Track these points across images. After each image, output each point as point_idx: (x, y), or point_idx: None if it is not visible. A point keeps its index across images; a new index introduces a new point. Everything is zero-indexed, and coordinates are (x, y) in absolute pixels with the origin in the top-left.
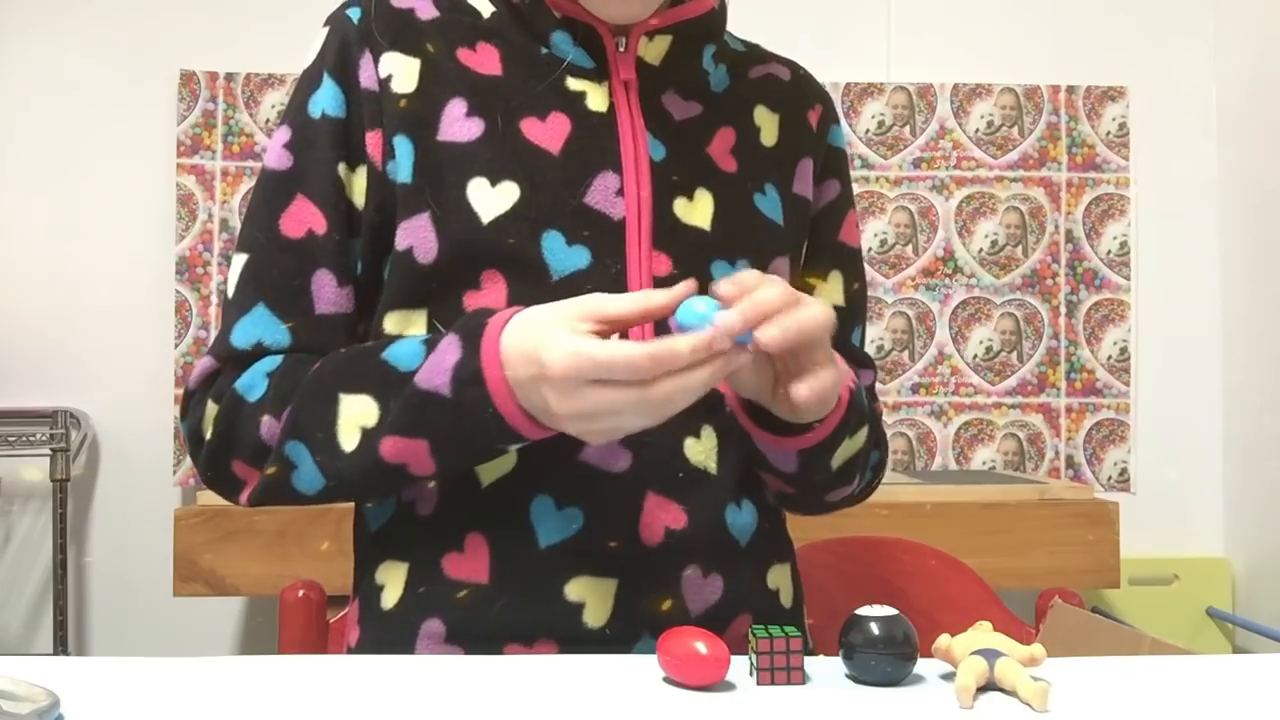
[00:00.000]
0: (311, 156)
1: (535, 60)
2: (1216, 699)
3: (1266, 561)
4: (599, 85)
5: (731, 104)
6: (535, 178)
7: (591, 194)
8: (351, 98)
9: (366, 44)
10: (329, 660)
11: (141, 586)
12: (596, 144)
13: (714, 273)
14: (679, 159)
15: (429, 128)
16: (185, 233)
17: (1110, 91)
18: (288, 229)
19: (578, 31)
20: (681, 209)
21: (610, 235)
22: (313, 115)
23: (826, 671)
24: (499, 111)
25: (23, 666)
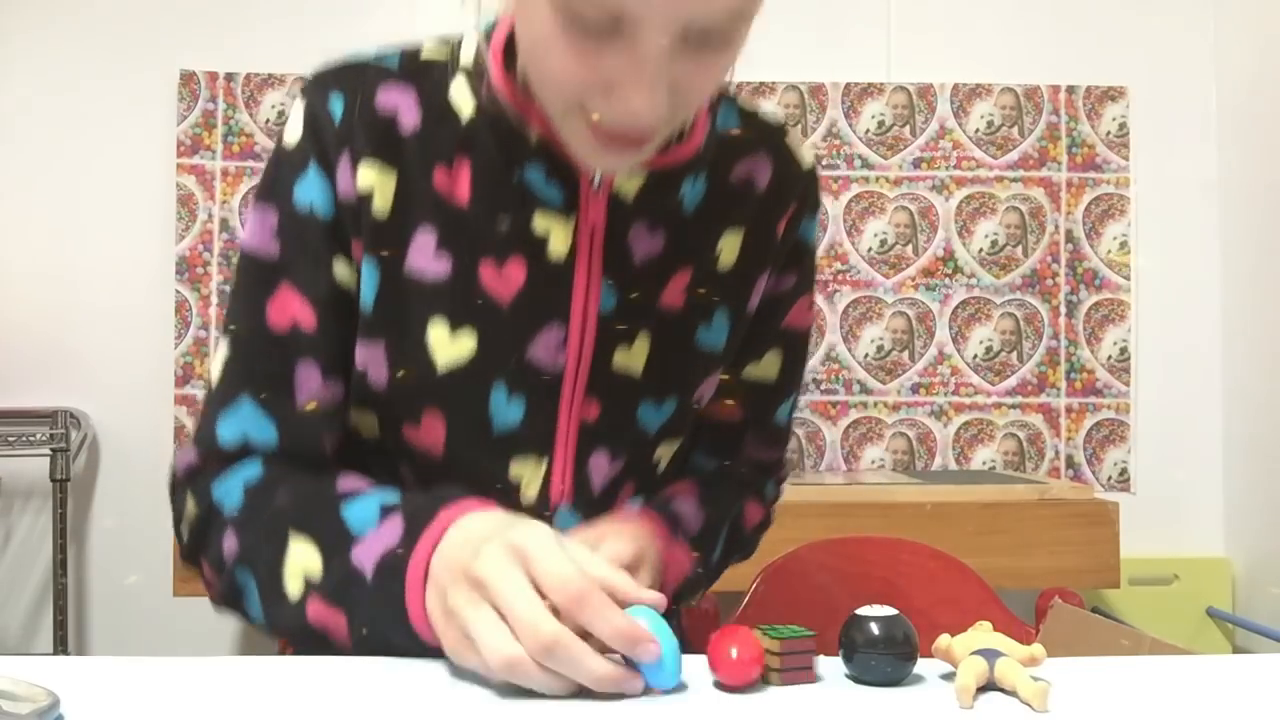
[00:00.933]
0: (300, 248)
1: (504, 189)
2: (1216, 699)
3: (1266, 561)
4: (565, 225)
5: (698, 231)
6: (488, 330)
7: (535, 347)
8: (336, 199)
9: (346, 145)
10: (329, 660)
11: (141, 586)
12: (549, 296)
13: (640, 414)
14: (628, 308)
15: (398, 254)
16: (185, 233)
17: (1110, 91)
18: (273, 320)
19: (555, 164)
20: (620, 356)
21: (547, 385)
22: (300, 205)
23: (826, 671)
24: (464, 250)
25: (23, 666)
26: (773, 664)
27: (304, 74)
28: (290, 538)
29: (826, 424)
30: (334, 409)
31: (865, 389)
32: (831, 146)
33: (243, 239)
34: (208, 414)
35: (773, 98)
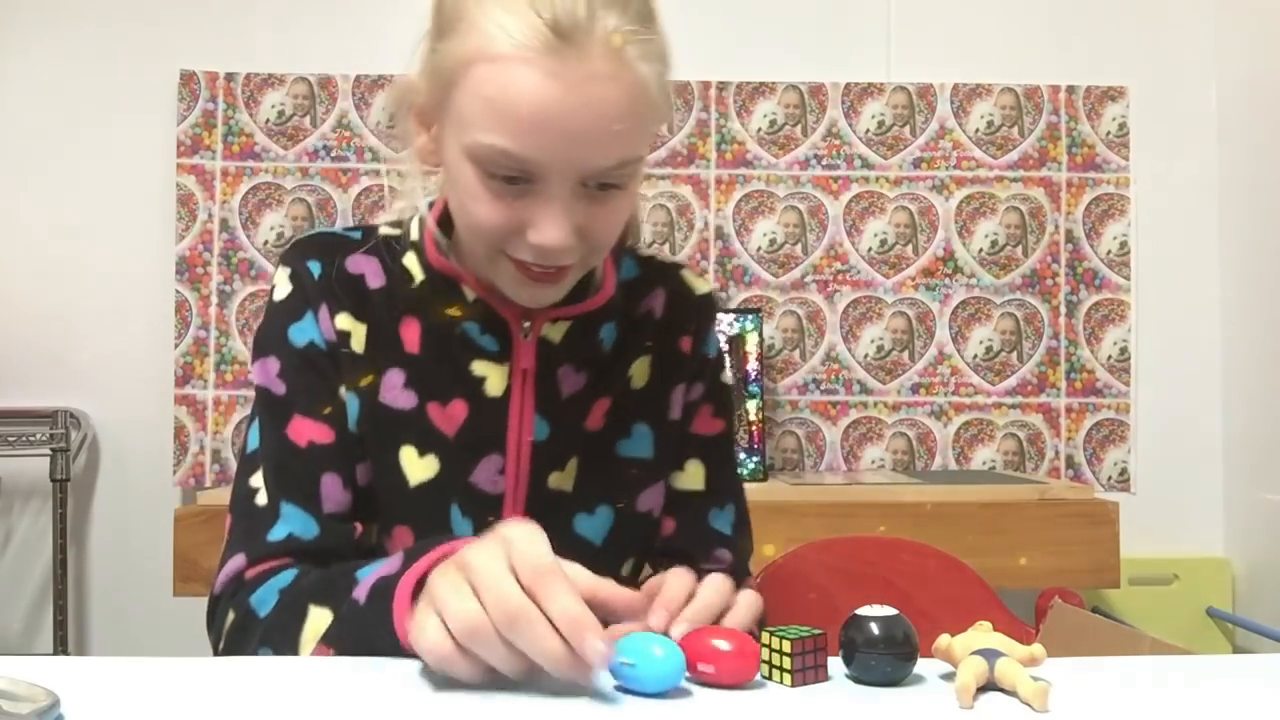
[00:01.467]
0: (304, 381)
1: (448, 340)
2: (1216, 699)
3: (1266, 561)
4: (500, 368)
5: (614, 365)
6: (445, 457)
7: (477, 474)
8: (326, 339)
9: (325, 299)
10: (328, 660)
11: (141, 586)
12: (487, 429)
13: (576, 526)
14: (558, 437)
15: (374, 389)
16: (185, 233)
17: (1110, 91)
18: (295, 438)
19: (488, 317)
20: (554, 479)
21: (490, 507)
22: (297, 344)
23: (829, 672)
24: (421, 390)
25: (23, 666)
26: (784, 665)
27: (304, 74)
28: (309, 609)
29: (826, 424)
30: (354, 516)
31: (865, 389)
32: (831, 146)
33: (255, 382)
34: (250, 529)
35: (773, 98)
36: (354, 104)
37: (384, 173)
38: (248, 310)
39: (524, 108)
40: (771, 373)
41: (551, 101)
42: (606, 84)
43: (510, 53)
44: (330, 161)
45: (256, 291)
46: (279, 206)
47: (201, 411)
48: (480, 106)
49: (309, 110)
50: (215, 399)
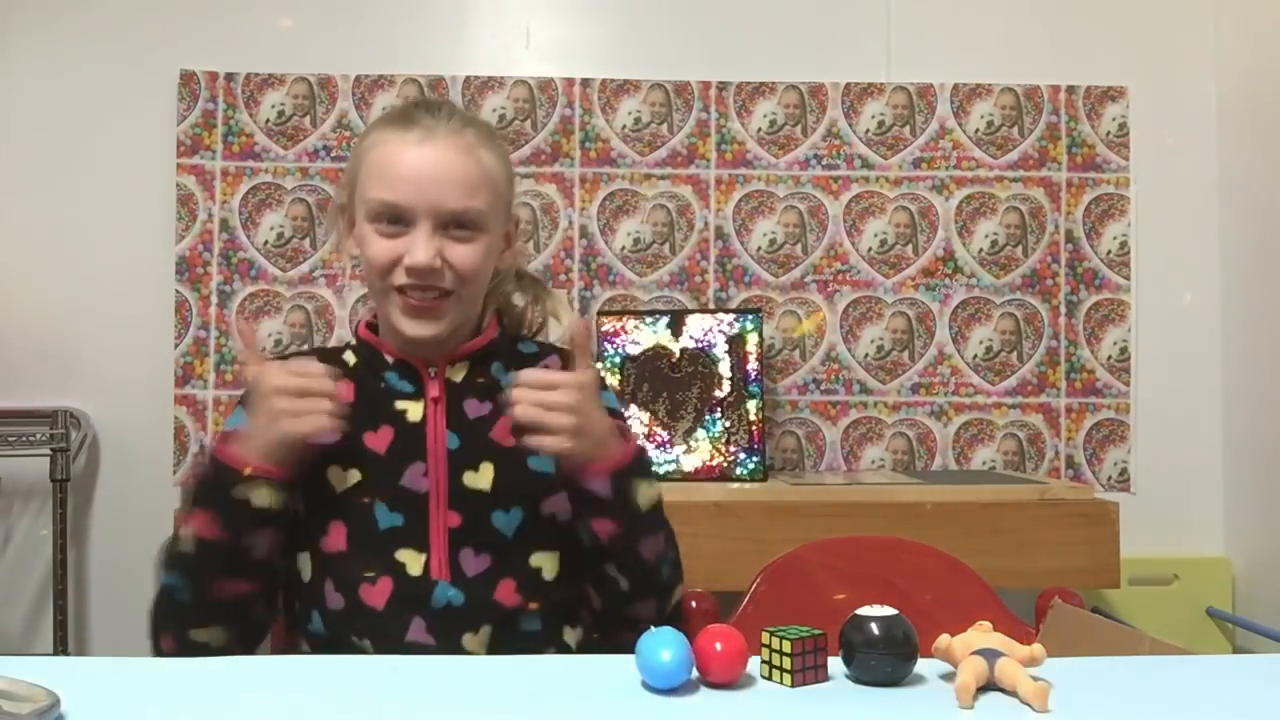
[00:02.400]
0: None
1: (375, 391)
2: (1216, 699)
3: (1266, 561)
4: (416, 403)
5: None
6: (370, 469)
7: (405, 478)
8: None
9: None
10: (328, 660)
11: (141, 586)
12: (410, 444)
13: (494, 520)
14: (469, 445)
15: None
16: (185, 233)
17: (1110, 91)
18: None
19: (404, 368)
20: (469, 479)
21: (418, 503)
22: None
23: (830, 671)
24: (351, 427)
25: (23, 666)
26: (784, 665)
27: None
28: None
29: (826, 424)
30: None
31: (865, 389)
32: (831, 146)
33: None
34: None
35: (773, 98)
36: (354, 104)
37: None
38: (248, 310)
39: (398, 168)
40: (771, 373)
41: (413, 162)
42: (452, 153)
43: (390, 138)
44: (330, 161)
45: (256, 291)
46: (279, 206)
47: (201, 411)
48: (372, 175)
49: (309, 110)
50: (215, 399)
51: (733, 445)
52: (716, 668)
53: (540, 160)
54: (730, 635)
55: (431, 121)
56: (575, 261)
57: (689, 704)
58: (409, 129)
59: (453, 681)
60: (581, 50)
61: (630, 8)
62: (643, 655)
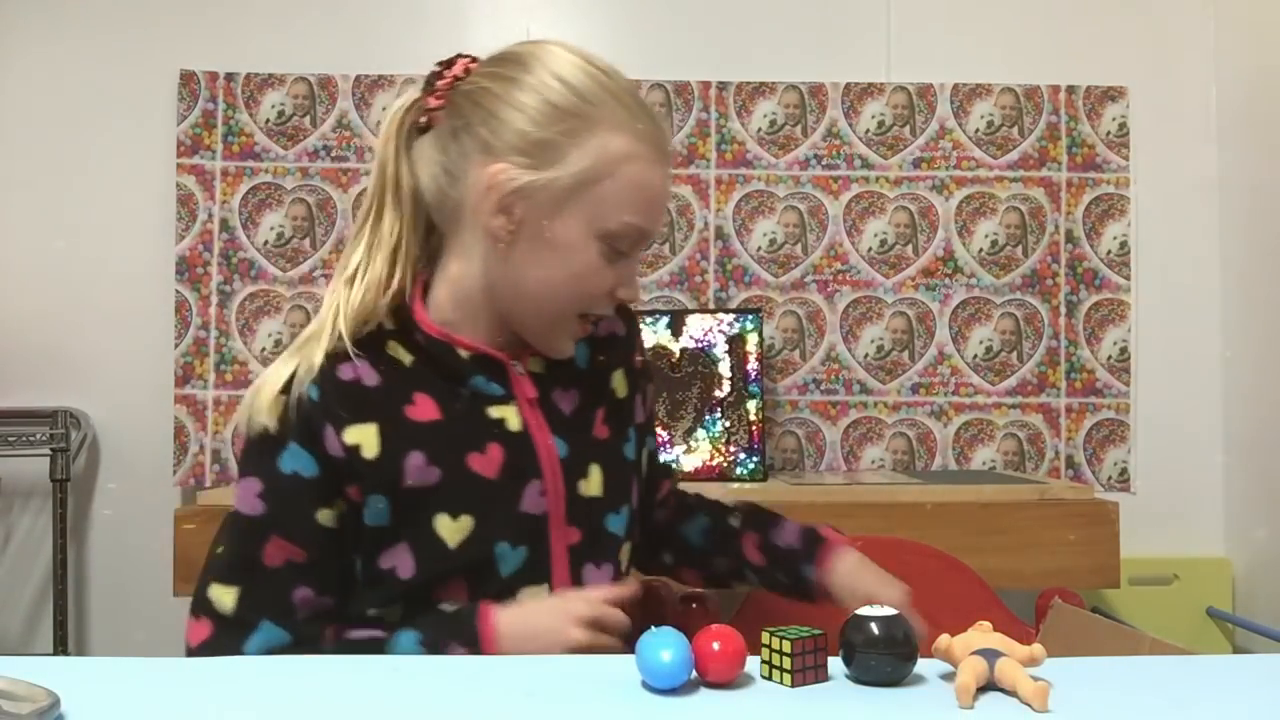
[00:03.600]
0: (286, 507)
1: (460, 400)
2: (1216, 699)
3: (1266, 561)
4: (510, 407)
5: (597, 380)
6: (484, 504)
7: (524, 502)
8: (323, 462)
9: (328, 419)
10: (327, 660)
11: (141, 586)
12: (522, 461)
13: (608, 525)
14: (577, 449)
15: (397, 481)
16: (185, 233)
17: (1110, 91)
18: (270, 560)
19: (486, 365)
20: (583, 486)
21: (538, 528)
22: (284, 471)
23: (830, 671)
24: (450, 454)
25: (23, 666)
26: (784, 665)
27: (305, 74)
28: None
29: (826, 424)
30: (331, 612)
31: (865, 389)
32: (831, 146)
33: (237, 498)
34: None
35: (773, 98)
36: (354, 104)
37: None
38: (248, 310)
39: (657, 195)
40: (771, 373)
41: (663, 189)
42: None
43: (648, 155)
44: (330, 161)
45: (256, 291)
46: (279, 206)
47: (201, 411)
48: (633, 195)
49: (309, 110)
50: (215, 399)
51: (733, 445)
52: (716, 668)
53: None
54: (730, 635)
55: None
56: None
57: (689, 704)
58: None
59: (453, 681)
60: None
61: (630, 8)
62: (643, 655)
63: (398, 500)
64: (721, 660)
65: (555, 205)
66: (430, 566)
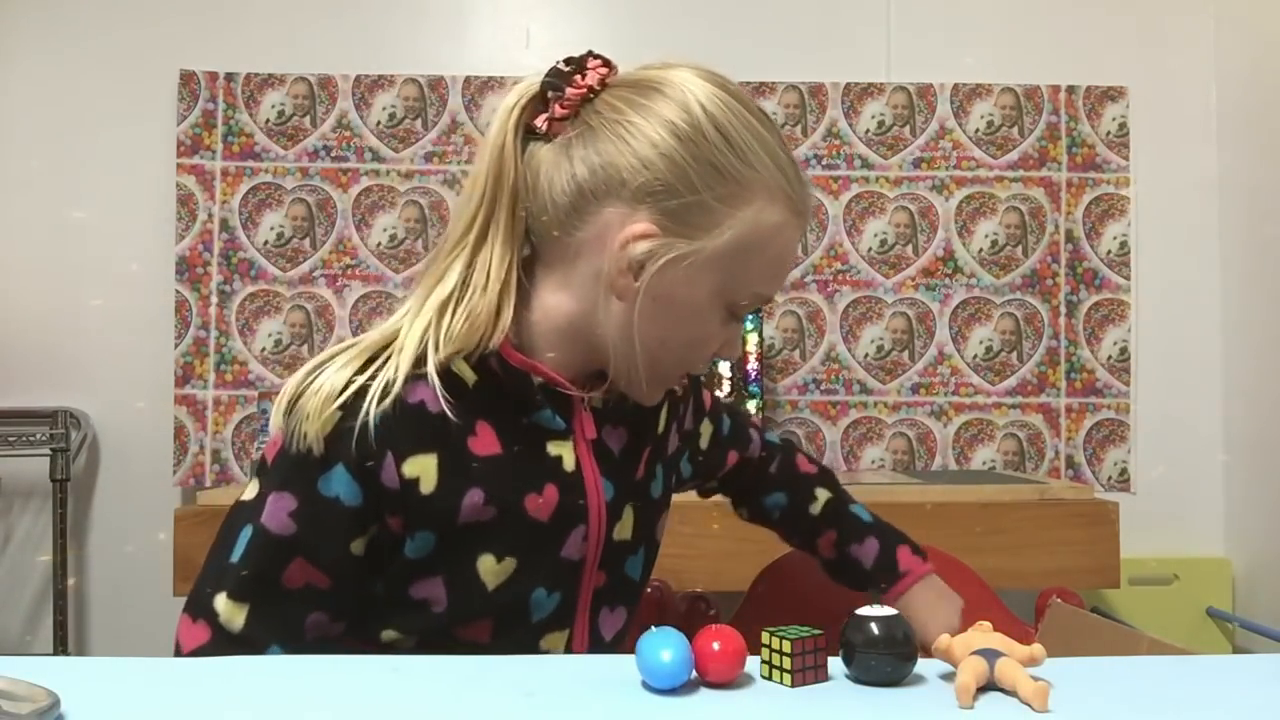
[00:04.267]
0: (320, 532)
1: (521, 431)
2: (1216, 699)
3: (1266, 561)
4: (567, 443)
5: (643, 418)
6: (531, 548)
7: (566, 548)
8: (371, 491)
9: (389, 446)
10: (327, 660)
11: (141, 586)
12: (573, 504)
13: (628, 569)
14: (621, 493)
15: (452, 518)
16: (185, 233)
17: (1110, 91)
18: (289, 582)
19: (556, 400)
20: (617, 531)
21: (574, 573)
22: (324, 494)
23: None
24: (509, 492)
25: (23, 666)
26: (784, 665)
27: (304, 74)
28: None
29: (826, 424)
30: (338, 637)
31: (865, 389)
32: (831, 146)
33: (264, 508)
34: (233, 651)
35: (773, 98)
36: (354, 104)
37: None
38: (248, 310)
39: (789, 261)
40: (771, 373)
41: (795, 253)
42: None
43: (797, 224)
44: (330, 161)
45: (256, 291)
46: (279, 206)
47: (201, 411)
48: (770, 267)
49: (309, 110)
50: (215, 399)
51: None
52: (715, 668)
53: None
54: (729, 635)
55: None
56: None
57: (689, 704)
58: (808, 210)
59: (453, 681)
60: (581, 50)
61: (630, 8)
62: (643, 655)
63: (446, 537)
64: (721, 660)
65: (693, 272)
66: (464, 606)
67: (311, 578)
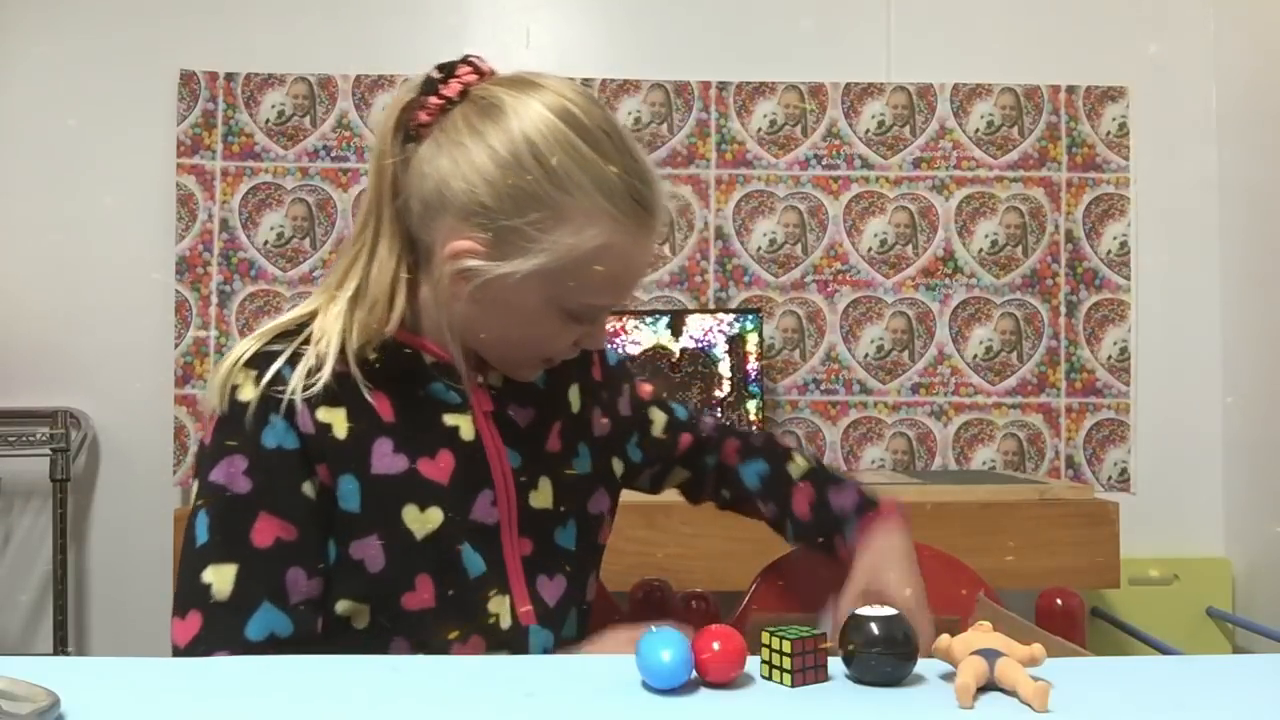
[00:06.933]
0: (274, 480)
1: (415, 404)
2: (1216, 699)
3: (1266, 561)
4: (465, 416)
5: (553, 396)
6: (445, 506)
7: (475, 510)
8: (299, 436)
9: (299, 396)
10: (327, 660)
11: (141, 586)
12: (474, 470)
13: (557, 539)
14: (529, 461)
15: (364, 464)
16: (185, 233)
17: (1110, 91)
18: (259, 540)
19: (449, 374)
20: (534, 499)
21: (491, 537)
22: (268, 445)
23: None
24: (409, 453)
25: (23, 666)
26: (784, 665)
27: (304, 74)
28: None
29: (826, 424)
30: (319, 601)
31: (865, 389)
32: (831, 146)
33: (212, 479)
34: (227, 622)
35: (773, 98)
36: (354, 104)
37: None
38: (248, 310)
39: (627, 271)
40: (771, 373)
41: (643, 262)
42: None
43: (623, 241)
44: (330, 161)
45: (256, 291)
46: (279, 206)
47: (201, 411)
48: (595, 278)
49: (309, 110)
50: None
51: None
52: (715, 668)
53: None
54: (729, 635)
55: (656, 200)
56: None
57: (689, 704)
58: (646, 221)
59: (452, 681)
60: (581, 50)
61: (630, 8)
62: (643, 655)
63: (366, 486)
64: (721, 660)
65: (517, 286)
66: (398, 560)
67: (279, 531)
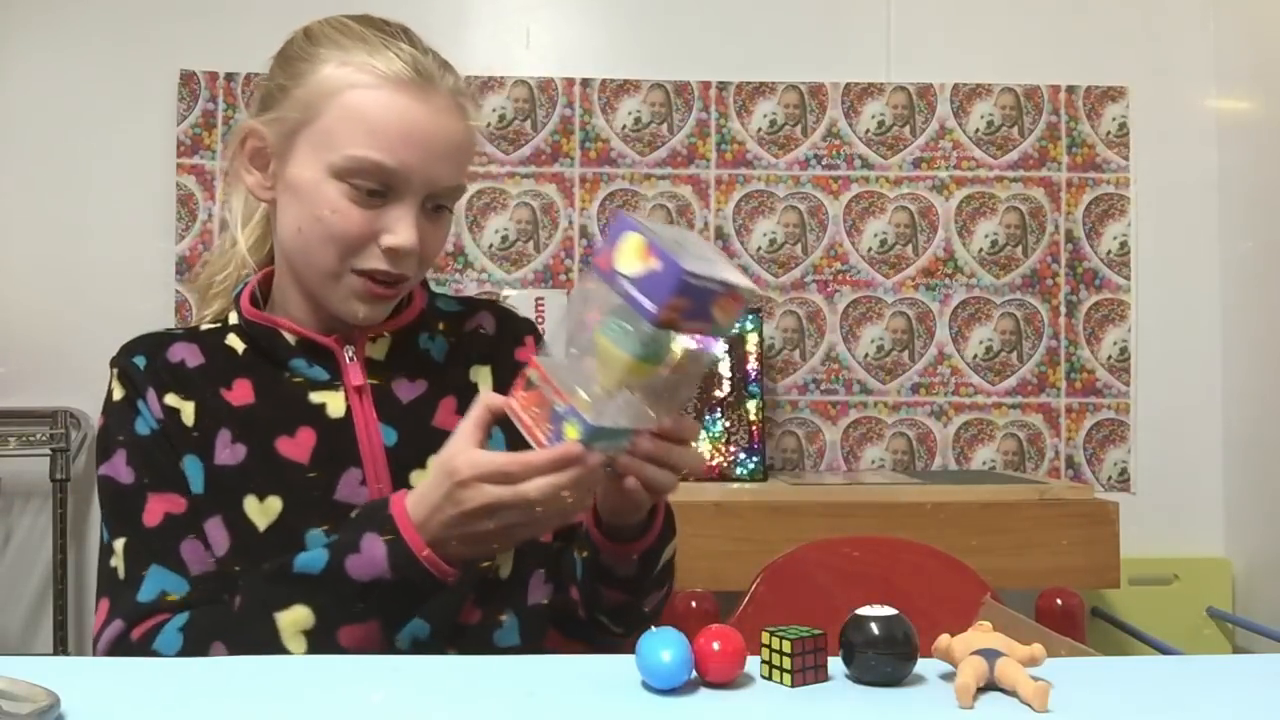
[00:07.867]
0: (154, 458)
1: (280, 384)
2: (1216, 699)
3: (1266, 561)
4: (335, 393)
5: (451, 370)
6: (294, 489)
7: (340, 490)
8: (156, 419)
9: (151, 384)
10: (327, 660)
11: None
12: (338, 446)
13: None
14: (409, 438)
15: (208, 453)
16: (185, 233)
17: (1110, 91)
18: (150, 520)
19: (312, 351)
20: (416, 478)
21: None
22: (141, 434)
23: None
24: (257, 437)
25: (23, 666)
26: (784, 665)
27: None
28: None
29: (826, 424)
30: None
31: (865, 389)
32: (831, 146)
33: (102, 473)
34: (121, 593)
35: (773, 98)
36: None
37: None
38: None
39: (394, 124)
40: (771, 373)
41: (417, 121)
42: (452, 118)
43: (381, 81)
44: None
45: None
46: None
47: None
48: (354, 125)
49: None
50: None
51: (733, 445)
52: (715, 668)
53: (540, 160)
54: (729, 635)
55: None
56: (575, 262)
57: (689, 704)
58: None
59: (452, 681)
60: (581, 50)
61: (630, 8)
62: (643, 655)
63: (209, 473)
64: (721, 660)
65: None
66: (241, 547)
67: (167, 506)
